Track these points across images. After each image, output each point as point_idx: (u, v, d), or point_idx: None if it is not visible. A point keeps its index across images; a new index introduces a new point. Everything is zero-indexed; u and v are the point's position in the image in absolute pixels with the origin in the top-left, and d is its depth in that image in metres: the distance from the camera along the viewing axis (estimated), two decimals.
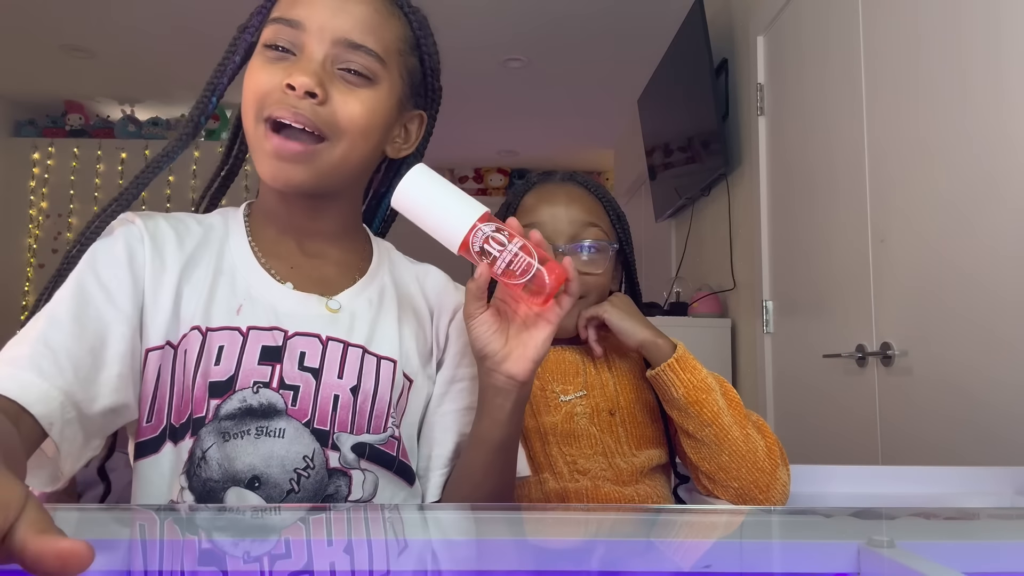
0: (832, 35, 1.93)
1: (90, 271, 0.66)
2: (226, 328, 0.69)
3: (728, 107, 2.69)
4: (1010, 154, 1.27)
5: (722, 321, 2.69)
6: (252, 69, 0.71)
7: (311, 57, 0.69)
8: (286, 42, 0.69)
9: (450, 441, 0.77)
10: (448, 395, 0.79)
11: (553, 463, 0.93)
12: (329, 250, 0.77)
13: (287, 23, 0.69)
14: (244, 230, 0.76)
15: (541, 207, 0.98)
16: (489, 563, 0.42)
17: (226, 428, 0.66)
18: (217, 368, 0.67)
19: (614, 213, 1.01)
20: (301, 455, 0.67)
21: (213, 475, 0.66)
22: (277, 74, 0.68)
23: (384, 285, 0.78)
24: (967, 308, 1.38)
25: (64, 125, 4.72)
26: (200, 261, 0.72)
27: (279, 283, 0.73)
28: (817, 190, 2.03)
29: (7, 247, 4.54)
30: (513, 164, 6.08)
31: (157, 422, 0.67)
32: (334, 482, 0.68)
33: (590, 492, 0.91)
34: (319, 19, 0.69)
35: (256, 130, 0.69)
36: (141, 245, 0.70)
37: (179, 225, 0.74)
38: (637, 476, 0.94)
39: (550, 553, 0.46)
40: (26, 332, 0.61)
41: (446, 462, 0.77)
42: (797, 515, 0.62)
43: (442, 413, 0.78)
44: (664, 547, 0.47)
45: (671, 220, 3.56)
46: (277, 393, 0.68)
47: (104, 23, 3.55)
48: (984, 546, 0.45)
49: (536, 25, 3.44)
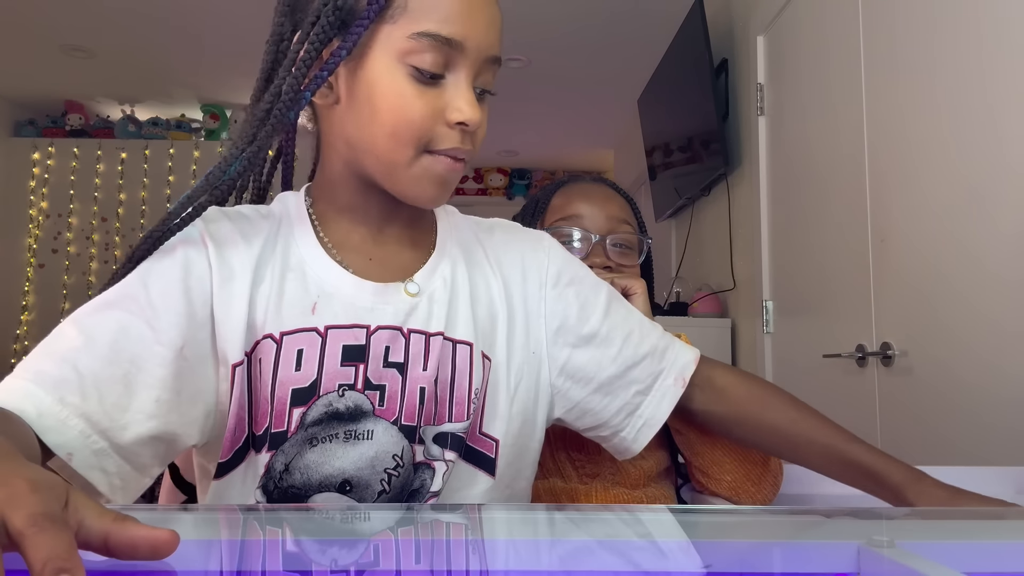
0: (832, 35, 1.93)
1: (140, 285, 0.61)
2: (302, 330, 0.65)
3: (728, 107, 2.69)
4: (1010, 154, 1.27)
5: (722, 321, 2.69)
6: (398, 94, 0.63)
7: (468, 83, 0.64)
8: (439, 66, 0.63)
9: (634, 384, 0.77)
10: (601, 345, 0.77)
11: (561, 467, 0.93)
12: (403, 234, 0.73)
13: (445, 42, 0.62)
14: (309, 221, 0.71)
15: (577, 202, 1.01)
16: (492, 563, 0.42)
17: (313, 433, 0.64)
18: (298, 374, 0.64)
19: (640, 217, 1.06)
20: (391, 454, 0.65)
21: (296, 483, 0.64)
22: (431, 102, 0.63)
23: (455, 258, 0.74)
24: (967, 308, 1.38)
25: (64, 125, 4.72)
26: (268, 259, 0.67)
27: (353, 276, 0.68)
28: (817, 190, 2.03)
29: (7, 247, 4.54)
30: (513, 164, 6.08)
31: (239, 435, 0.64)
32: (419, 476, 0.67)
33: (599, 495, 0.91)
34: (477, 37, 0.64)
35: (407, 154, 0.65)
36: (201, 257, 0.64)
37: (244, 223, 0.69)
38: (645, 479, 0.94)
39: (550, 553, 0.46)
40: (60, 339, 0.56)
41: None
42: (797, 515, 0.61)
43: (609, 368, 0.76)
44: (664, 547, 0.47)
45: (671, 220, 3.55)
46: (363, 395, 0.65)
47: (104, 23, 3.55)
48: (984, 546, 0.45)
49: (536, 25, 3.44)
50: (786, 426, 0.78)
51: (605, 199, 1.03)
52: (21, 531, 0.31)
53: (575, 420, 0.78)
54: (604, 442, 0.80)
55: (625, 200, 1.05)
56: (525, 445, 0.75)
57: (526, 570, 0.41)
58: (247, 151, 0.64)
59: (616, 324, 0.78)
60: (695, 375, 0.79)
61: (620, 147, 5.09)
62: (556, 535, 0.51)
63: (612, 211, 1.02)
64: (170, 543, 0.34)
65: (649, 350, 0.78)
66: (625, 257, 1.01)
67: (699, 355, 0.81)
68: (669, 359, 0.79)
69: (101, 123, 4.84)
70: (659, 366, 0.78)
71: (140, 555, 0.34)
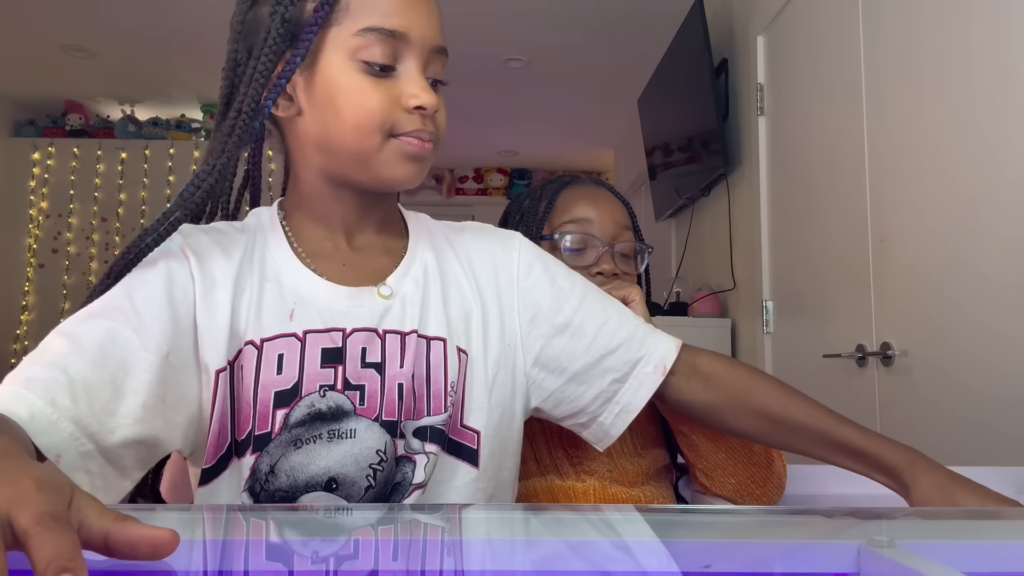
0: (832, 35, 1.93)
1: (124, 295, 0.63)
2: (282, 336, 0.67)
3: (728, 107, 2.69)
4: (1010, 154, 1.27)
5: (722, 321, 2.69)
6: (355, 89, 0.67)
7: (419, 71, 0.69)
8: (389, 58, 0.67)
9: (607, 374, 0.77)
10: (574, 335, 0.78)
11: (559, 464, 0.93)
12: (375, 240, 0.76)
13: (390, 34, 0.67)
14: (282, 232, 0.74)
15: (585, 205, 1.01)
16: (498, 563, 0.42)
17: (298, 435, 0.66)
18: (279, 377, 0.66)
19: (637, 224, 1.07)
20: (374, 450, 0.67)
21: (283, 485, 0.65)
22: (387, 92, 0.67)
23: (426, 261, 0.77)
24: (967, 308, 1.38)
25: (64, 125, 4.71)
26: (247, 270, 0.70)
27: (327, 282, 0.71)
28: (817, 190, 2.03)
29: (7, 247, 4.54)
30: (513, 164, 6.08)
31: (222, 441, 0.66)
32: (401, 469, 0.69)
33: (597, 493, 0.91)
34: (420, 29, 0.68)
35: (374, 141, 0.68)
36: (183, 268, 0.66)
37: (221, 237, 0.71)
38: (643, 477, 0.94)
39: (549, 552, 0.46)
40: (48, 349, 0.57)
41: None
42: (797, 515, 0.61)
43: (582, 358, 0.77)
44: (663, 546, 0.47)
45: (671, 220, 3.56)
46: (343, 395, 0.67)
47: (104, 23, 3.55)
48: (984, 546, 0.45)
49: (536, 25, 3.44)
50: (777, 411, 0.78)
51: (610, 204, 1.03)
52: (26, 530, 0.31)
53: (552, 409, 0.80)
54: (582, 430, 0.81)
55: (624, 206, 1.06)
56: (505, 436, 0.76)
57: (525, 569, 0.41)
58: (217, 164, 0.68)
59: (590, 314, 0.79)
60: (679, 363, 0.79)
61: (620, 147, 5.09)
62: (558, 534, 0.51)
63: (617, 217, 1.02)
64: (170, 543, 0.34)
65: (625, 338, 0.78)
66: (628, 264, 1.02)
67: (681, 344, 0.81)
68: (648, 347, 0.79)
69: (101, 123, 4.84)
70: (637, 354, 0.78)
71: (140, 555, 0.34)
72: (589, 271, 0.97)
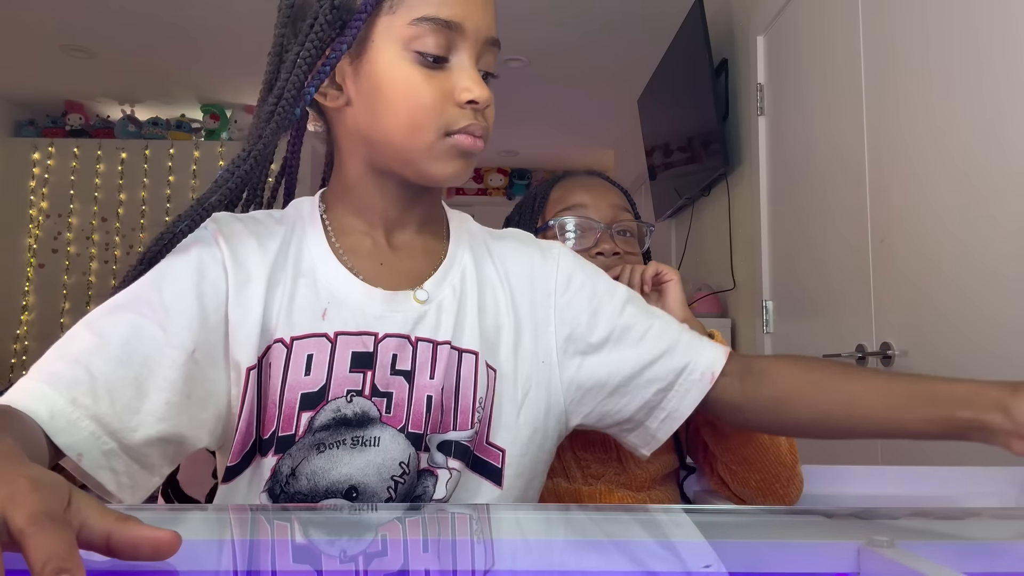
0: (832, 35, 1.93)
1: (154, 288, 0.61)
2: (312, 335, 0.65)
3: (728, 107, 2.69)
4: (1010, 153, 1.27)
5: (722, 321, 2.69)
6: (407, 81, 0.65)
7: (472, 63, 0.66)
8: (442, 49, 0.65)
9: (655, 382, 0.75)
10: (614, 349, 0.75)
11: (567, 467, 0.92)
12: (415, 240, 0.74)
13: (445, 25, 0.64)
14: (321, 225, 0.71)
15: (578, 192, 1.02)
16: (501, 563, 0.42)
17: (321, 439, 0.64)
18: (308, 379, 0.64)
19: (635, 208, 1.07)
20: (398, 461, 0.65)
21: (303, 489, 0.64)
22: (440, 85, 0.65)
23: (464, 267, 0.74)
24: (967, 308, 1.37)
25: (64, 125, 4.72)
26: (282, 263, 0.68)
27: (363, 283, 0.69)
28: (817, 190, 2.03)
29: (7, 247, 4.54)
30: (513, 164, 6.08)
31: (248, 438, 0.64)
32: (422, 483, 0.67)
33: (604, 496, 0.90)
34: (475, 19, 0.66)
35: (427, 139, 0.66)
36: (216, 261, 0.64)
37: (258, 227, 0.69)
38: (650, 482, 0.93)
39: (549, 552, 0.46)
40: (74, 341, 0.57)
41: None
42: (797, 515, 0.61)
43: (626, 369, 0.75)
44: (664, 546, 0.47)
45: (671, 220, 3.56)
46: (370, 401, 0.65)
47: (104, 23, 3.55)
48: (984, 546, 0.45)
49: (536, 25, 3.44)
50: (847, 394, 0.72)
51: (605, 189, 1.04)
52: (22, 530, 0.31)
53: (595, 423, 0.77)
54: (626, 436, 0.78)
55: (621, 192, 1.06)
56: (536, 456, 0.73)
57: (532, 570, 0.41)
58: (254, 150, 0.66)
59: (630, 324, 0.76)
60: (729, 366, 0.75)
61: (620, 147, 5.09)
62: (558, 534, 0.51)
63: (613, 200, 1.02)
64: (172, 544, 0.34)
65: (668, 347, 0.75)
66: (629, 245, 1.01)
67: (729, 351, 0.78)
68: (693, 353, 0.75)
69: (101, 123, 4.84)
70: (681, 361, 0.75)
71: (142, 555, 0.34)
72: (590, 253, 0.96)
